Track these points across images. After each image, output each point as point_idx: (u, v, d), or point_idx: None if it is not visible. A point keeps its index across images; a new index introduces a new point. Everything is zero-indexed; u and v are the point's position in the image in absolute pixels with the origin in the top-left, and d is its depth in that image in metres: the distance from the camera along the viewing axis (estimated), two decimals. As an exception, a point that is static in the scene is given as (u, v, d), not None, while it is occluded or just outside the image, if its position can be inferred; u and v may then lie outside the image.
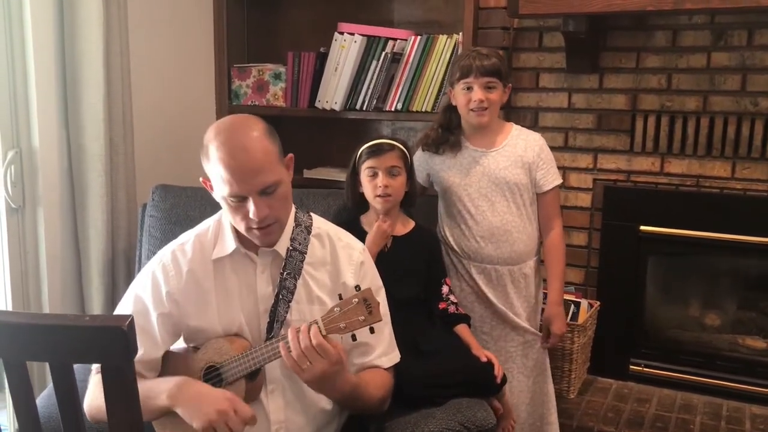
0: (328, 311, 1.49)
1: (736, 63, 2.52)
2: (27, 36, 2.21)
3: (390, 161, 2.05)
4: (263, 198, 1.53)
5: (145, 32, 2.60)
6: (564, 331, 2.32)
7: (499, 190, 2.22)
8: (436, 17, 2.88)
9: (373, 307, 1.47)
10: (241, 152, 1.50)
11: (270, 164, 1.53)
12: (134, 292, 1.67)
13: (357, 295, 1.48)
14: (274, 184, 1.53)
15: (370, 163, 2.06)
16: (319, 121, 3.03)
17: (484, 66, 2.13)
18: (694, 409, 2.58)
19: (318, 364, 1.46)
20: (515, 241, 2.24)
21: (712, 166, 2.61)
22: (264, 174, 1.51)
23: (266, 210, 1.53)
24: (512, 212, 2.23)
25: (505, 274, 2.26)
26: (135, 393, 1.18)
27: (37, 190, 2.29)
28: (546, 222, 2.29)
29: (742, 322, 2.78)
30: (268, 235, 1.59)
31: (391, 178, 2.05)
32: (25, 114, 2.26)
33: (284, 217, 1.61)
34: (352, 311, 1.47)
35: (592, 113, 2.73)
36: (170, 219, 2.28)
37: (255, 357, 1.55)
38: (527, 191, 2.24)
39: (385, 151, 2.05)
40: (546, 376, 2.38)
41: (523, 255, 2.26)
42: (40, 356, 1.22)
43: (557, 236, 2.30)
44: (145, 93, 2.61)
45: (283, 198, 1.58)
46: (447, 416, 1.80)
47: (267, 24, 3.16)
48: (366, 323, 1.47)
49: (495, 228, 2.22)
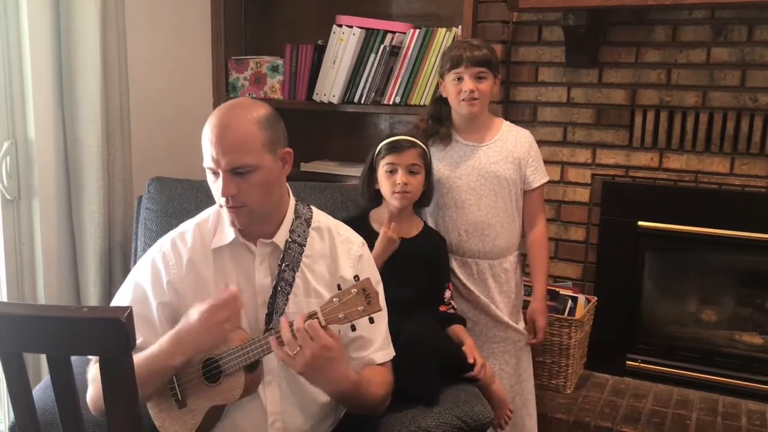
0: (327, 302, 1.48)
1: (735, 58, 2.52)
2: (23, 27, 2.19)
3: (410, 159, 2.05)
4: (233, 177, 1.54)
5: (142, 24, 2.58)
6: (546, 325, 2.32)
7: (488, 185, 2.22)
8: (435, 10, 2.86)
9: (372, 297, 1.46)
10: (223, 127, 1.54)
11: (248, 147, 1.53)
12: (134, 280, 1.66)
13: (356, 285, 1.47)
14: (246, 166, 1.53)
15: (390, 159, 2.05)
16: (317, 114, 3.01)
17: (474, 56, 2.12)
18: (691, 405, 2.58)
19: (307, 348, 1.44)
20: (497, 235, 2.24)
21: (711, 161, 2.61)
22: (237, 154, 1.52)
23: (233, 190, 1.54)
24: (497, 207, 2.23)
25: (486, 269, 2.26)
26: (133, 385, 1.17)
27: (32, 181, 2.27)
28: (531, 218, 2.30)
29: (740, 318, 2.78)
30: (236, 215, 1.58)
31: (410, 175, 2.05)
32: (20, 105, 2.23)
33: (257, 205, 1.58)
34: (351, 301, 1.46)
35: (591, 108, 2.73)
36: (166, 212, 2.26)
37: (254, 348, 1.54)
38: (515, 186, 2.24)
39: (406, 148, 2.05)
40: (528, 372, 2.36)
41: (504, 250, 2.26)
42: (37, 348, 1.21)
43: (541, 232, 2.30)
44: (142, 85, 2.59)
45: (259, 185, 1.56)
46: (444, 410, 1.80)
47: (265, 16, 3.14)
48: (365, 313, 1.46)
49: (479, 222, 2.22)
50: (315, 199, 2.26)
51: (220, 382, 1.57)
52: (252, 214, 1.59)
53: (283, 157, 1.63)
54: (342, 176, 2.89)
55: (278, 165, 1.61)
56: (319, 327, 1.45)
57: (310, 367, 1.47)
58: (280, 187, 1.65)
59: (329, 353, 1.46)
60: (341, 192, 2.31)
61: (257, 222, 1.62)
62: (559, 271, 2.87)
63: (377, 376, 1.67)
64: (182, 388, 1.59)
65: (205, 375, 1.58)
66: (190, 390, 1.59)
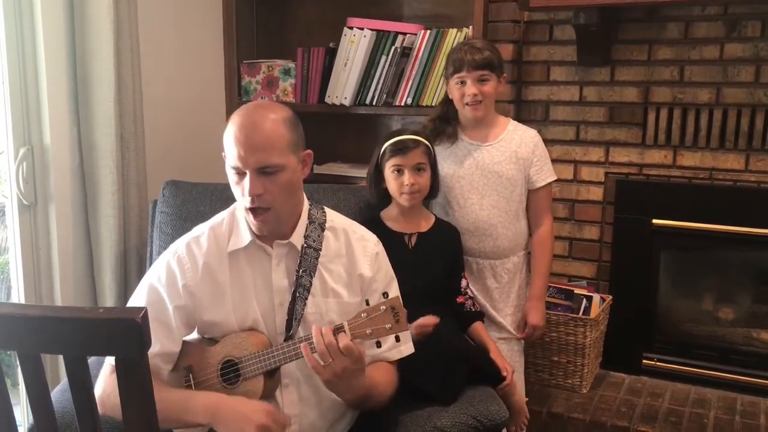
0: (355, 316, 1.49)
1: (749, 54, 2.50)
2: (38, 34, 2.22)
3: (416, 158, 2.06)
4: (260, 177, 1.53)
5: (154, 29, 2.60)
6: (541, 324, 2.31)
7: (491, 184, 2.22)
8: (446, 11, 2.87)
9: (401, 316, 1.46)
10: (251, 127, 1.53)
11: (275, 146, 1.53)
12: (149, 283, 1.65)
13: (385, 303, 1.47)
14: (274, 166, 1.53)
15: (395, 161, 2.06)
16: (329, 116, 3.02)
17: (475, 60, 2.12)
18: (708, 404, 2.56)
19: (339, 361, 1.46)
20: (499, 236, 2.24)
21: (726, 158, 2.59)
22: (266, 152, 1.52)
23: (260, 189, 1.53)
24: (500, 207, 2.23)
25: (486, 268, 2.26)
26: (149, 385, 1.17)
27: (49, 187, 2.30)
28: (536, 218, 2.30)
29: (757, 316, 2.75)
30: (261, 221, 1.58)
31: (417, 175, 2.06)
32: (36, 112, 2.26)
33: (281, 207, 1.58)
34: (379, 318, 1.46)
35: (603, 106, 2.72)
36: (181, 215, 2.28)
37: (276, 355, 1.54)
38: (519, 187, 2.24)
39: (411, 148, 2.05)
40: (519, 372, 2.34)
41: (507, 251, 2.27)
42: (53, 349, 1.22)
43: (546, 233, 2.30)
44: (156, 90, 2.61)
45: (284, 185, 1.56)
46: (459, 410, 1.80)
47: (276, 20, 3.16)
48: (392, 331, 1.47)
49: (481, 221, 2.23)
50: (328, 200, 2.27)
51: (238, 385, 1.58)
52: (278, 218, 1.59)
53: (304, 159, 1.63)
54: (355, 178, 2.90)
55: (300, 166, 1.62)
56: (355, 346, 1.46)
57: (337, 377, 1.49)
58: (301, 187, 1.66)
59: (357, 365, 1.48)
60: (354, 194, 2.31)
61: (279, 225, 1.62)
62: (574, 270, 2.86)
63: (385, 377, 1.67)
64: (198, 389, 1.59)
65: (222, 377, 1.59)
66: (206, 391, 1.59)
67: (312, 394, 1.65)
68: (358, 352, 1.47)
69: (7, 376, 2.32)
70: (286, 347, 1.54)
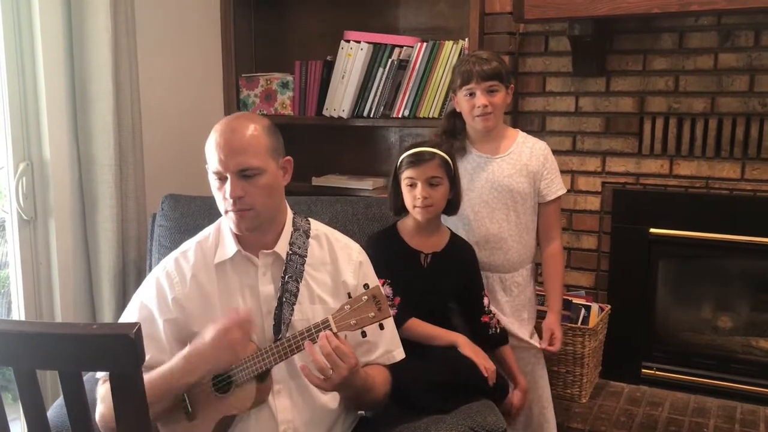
0: (339, 309, 1.52)
1: (743, 64, 2.51)
2: (36, 49, 2.24)
3: (430, 171, 2.00)
4: (240, 180, 1.58)
5: (153, 43, 2.62)
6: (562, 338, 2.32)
7: (501, 198, 2.22)
8: (442, 23, 2.89)
9: (383, 304, 1.50)
10: (230, 132, 1.59)
11: (255, 150, 1.59)
12: (139, 300, 1.69)
13: (366, 293, 1.50)
14: (253, 168, 1.58)
15: (409, 173, 2.02)
16: (327, 129, 3.05)
17: (484, 71, 2.13)
18: (708, 413, 2.56)
19: (340, 370, 1.49)
20: (509, 249, 2.24)
21: (722, 167, 2.60)
22: (245, 155, 1.57)
23: (241, 191, 1.57)
24: (510, 220, 2.23)
25: (496, 281, 2.26)
26: (143, 399, 1.19)
27: (48, 201, 2.31)
28: (546, 232, 2.29)
29: (755, 324, 2.76)
30: (242, 219, 1.61)
31: (430, 188, 2.00)
32: (35, 127, 2.28)
33: (262, 209, 1.62)
34: (362, 308, 1.50)
35: (599, 116, 2.73)
36: (180, 228, 2.29)
37: (264, 359, 1.57)
38: (529, 200, 2.24)
39: (426, 160, 2.01)
40: (544, 381, 2.35)
41: (516, 264, 2.26)
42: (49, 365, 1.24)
43: (557, 247, 2.30)
44: (154, 103, 2.63)
45: (264, 188, 1.60)
46: (457, 421, 1.81)
47: (274, 33, 3.18)
48: (376, 320, 1.50)
49: (491, 235, 2.23)
50: (326, 212, 2.28)
51: (231, 392, 1.59)
52: (257, 217, 1.62)
53: (284, 166, 1.68)
54: (353, 189, 2.91)
55: (281, 172, 1.66)
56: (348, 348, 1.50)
57: (341, 385, 1.52)
58: (282, 193, 1.70)
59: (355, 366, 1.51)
60: (352, 205, 2.32)
61: (260, 228, 1.65)
62: (572, 279, 2.86)
63: (380, 376, 1.71)
64: (192, 400, 1.61)
65: (215, 386, 1.60)
66: (199, 401, 1.61)
67: (304, 399, 1.67)
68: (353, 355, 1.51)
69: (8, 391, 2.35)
70: (273, 349, 1.57)
